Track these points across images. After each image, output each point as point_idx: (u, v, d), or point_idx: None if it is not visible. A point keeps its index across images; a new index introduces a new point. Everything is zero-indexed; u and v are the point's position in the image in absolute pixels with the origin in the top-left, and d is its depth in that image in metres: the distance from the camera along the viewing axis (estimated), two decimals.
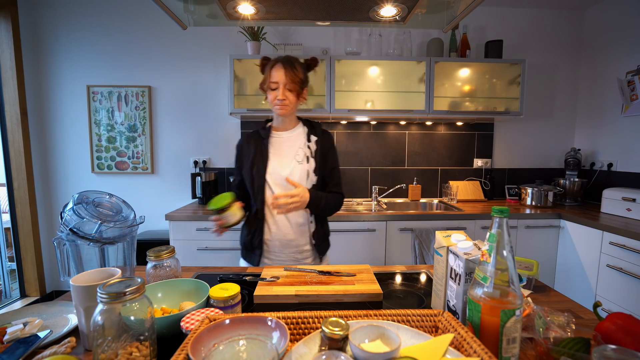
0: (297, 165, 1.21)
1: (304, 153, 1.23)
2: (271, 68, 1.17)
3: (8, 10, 2.34)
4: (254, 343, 0.49)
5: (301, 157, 1.23)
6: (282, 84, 1.15)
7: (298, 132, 1.27)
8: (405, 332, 0.58)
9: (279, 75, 1.15)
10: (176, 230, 2.07)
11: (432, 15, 1.20)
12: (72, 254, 0.76)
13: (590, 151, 2.61)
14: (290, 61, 1.17)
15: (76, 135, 2.58)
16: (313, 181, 1.22)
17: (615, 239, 1.79)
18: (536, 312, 0.66)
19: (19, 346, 0.61)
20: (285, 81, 1.14)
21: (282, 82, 1.15)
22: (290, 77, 1.15)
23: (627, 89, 2.26)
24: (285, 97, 1.16)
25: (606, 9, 2.47)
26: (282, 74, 1.14)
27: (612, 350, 0.48)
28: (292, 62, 1.17)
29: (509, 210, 0.56)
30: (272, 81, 1.16)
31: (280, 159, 1.22)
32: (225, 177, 2.64)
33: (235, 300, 0.71)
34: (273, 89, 1.17)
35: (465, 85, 2.52)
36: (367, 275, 0.97)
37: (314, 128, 1.29)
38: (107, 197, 0.85)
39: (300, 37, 2.56)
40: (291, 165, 1.21)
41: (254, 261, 1.24)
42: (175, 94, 2.58)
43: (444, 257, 0.72)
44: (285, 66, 1.15)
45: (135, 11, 2.50)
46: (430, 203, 2.59)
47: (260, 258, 1.24)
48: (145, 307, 0.56)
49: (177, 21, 1.17)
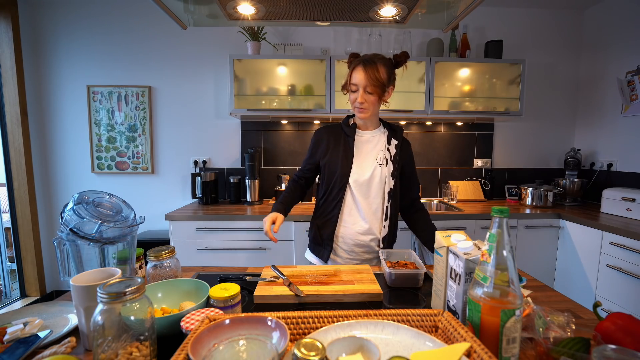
0: (377, 167, 1.21)
1: (384, 156, 1.22)
2: (352, 69, 1.14)
3: (8, 10, 2.34)
4: (254, 343, 0.49)
5: (382, 160, 1.22)
6: (362, 86, 1.12)
7: (380, 133, 1.26)
8: (406, 332, 0.58)
9: (358, 78, 1.12)
10: (176, 230, 2.07)
11: (432, 15, 1.20)
12: (72, 254, 0.76)
13: (590, 151, 2.61)
14: (373, 61, 1.12)
15: (76, 135, 2.58)
16: (391, 185, 1.22)
17: (615, 239, 1.79)
18: (536, 312, 0.66)
19: (19, 346, 0.61)
20: (365, 84, 1.11)
21: (362, 85, 1.12)
22: (371, 79, 1.10)
23: (627, 89, 2.26)
24: (365, 100, 1.13)
25: (606, 9, 2.47)
26: (362, 76, 1.11)
27: (612, 350, 0.48)
28: (374, 62, 1.12)
29: (509, 210, 0.56)
30: (352, 83, 1.13)
31: (362, 160, 1.22)
32: (225, 177, 2.64)
33: (235, 300, 0.71)
34: (353, 91, 1.15)
35: (465, 85, 2.52)
36: (367, 275, 0.97)
37: (395, 132, 1.28)
38: (107, 197, 0.85)
39: (300, 37, 2.56)
40: (372, 166, 1.21)
41: (324, 256, 1.25)
42: (175, 94, 2.58)
43: (444, 257, 0.72)
44: (365, 68, 1.11)
45: (135, 11, 2.50)
46: (430, 203, 2.59)
47: (329, 254, 1.24)
48: (145, 307, 0.56)
49: (177, 21, 1.17)
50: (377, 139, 1.25)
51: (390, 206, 1.23)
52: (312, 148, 1.29)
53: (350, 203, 1.22)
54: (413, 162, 1.32)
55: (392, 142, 1.25)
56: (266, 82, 2.45)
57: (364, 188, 1.20)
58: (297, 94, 2.39)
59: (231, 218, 2.05)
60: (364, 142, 1.24)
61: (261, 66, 2.40)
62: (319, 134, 1.28)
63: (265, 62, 2.35)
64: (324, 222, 1.25)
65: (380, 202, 1.22)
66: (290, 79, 2.42)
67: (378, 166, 1.21)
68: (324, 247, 1.25)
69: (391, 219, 1.25)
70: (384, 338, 0.59)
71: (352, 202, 1.22)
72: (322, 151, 1.25)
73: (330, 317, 0.62)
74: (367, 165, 1.21)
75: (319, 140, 1.27)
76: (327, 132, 1.27)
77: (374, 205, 1.22)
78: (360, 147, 1.23)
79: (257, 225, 2.06)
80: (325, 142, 1.25)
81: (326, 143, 1.25)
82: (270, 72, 2.43)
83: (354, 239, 1.23)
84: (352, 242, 1.23)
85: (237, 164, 2.65)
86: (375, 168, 1.21)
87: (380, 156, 1.22)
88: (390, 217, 1.24)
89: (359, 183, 1.20)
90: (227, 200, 2.60)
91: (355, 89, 1.14)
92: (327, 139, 1.25)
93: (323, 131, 1.28)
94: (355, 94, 1.14)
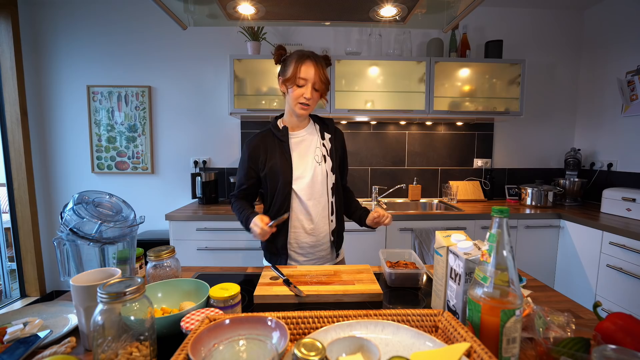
0: (317, 166, 1.18)
1: (321, 152, 1.19)
2: (299, 63, 1.08)
3: (8, 10, 2.34)
4: (254, 343, 0.49)
5: (319, 158, 1.19)
6: (310, 82, 1.08)
7: (311, 130, 1.23)
8: (406, 332, 0.58)
9: (309, 73, 1.07)
10: (176, 230, 2.07)
11: (432, 15, 1.20)
12: (72, 254, 0.76)
13: (590, 151, 2.61)
14: (320, 58, 1.11)
15: (76, 135, 2.58)
16: (332, 180, 1.20)
17: (615, 239, 1.79)
18: (536, 312, 0.66)
19: (19, 346, 0.61)
20: (315, 80, 1.08)
21: (311, 81, 1.08)
22: (320, 76, 1.08)
23: (627, 89, 2.26)
24: (312, 97, 1.10)
25: (606, 9, 2.47)
26: (313, 72, 1.07)
27: (612, 350, 0.48)
28: (321, 60, 1.11)
29: (509, 210, 0.56)
30: (301, 77, 1.08)
31: (300, 162, 1.18)
32: (225, 177, 2.64)
33: (235, 300, 0.71)
34: (300, 86, 1.09)
35: (465, 85, 2.52)
36: (367, 275, 0.97)
37: (327, 125, 1.25)
38: (107, 197, 0.85)
39: (300, 37, 2.56)
40: (312, 167, 1.18)
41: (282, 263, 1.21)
42: (175, 94, 2.58)
43: (444, 257, 0.72)
44: (316, 64, 1.08)
45: (135, 11, 2.50)
46: (430, 203, 2.59)
47: (286, 262, 1.21)
48: (145, 307, 0.56)
49: (177, 21, 1.17)
50: (311, 137, 1.21)
51: (335, 200, 1.21)
52: (249, 161, 1.19)
53: (298, 207, 1.18)
54: (346, 151, 1.30)
55: (325, 137, 1.22)
56: (266, 82, 2.45)
57: (308, 190, 1.17)
58: None
59: (231, 218, 2.05)
60: (298, 143, 1.20)
61: (261, 66, 2.40)
62: (252, 146, 1.19)
63: (265, 62, 2.35)
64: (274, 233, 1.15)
65: (326, 200, 1.20)
66: None
67: (317, 165, 1.18)
68: (279, 256, 1.20)
69: (337, 212, 1.23)
70: (384, 338, 0.59)
71: (300, 205, 1.18)
72: (262, 162, 1.18)
73: (330, 317, 0.62)
74: (306, 166, 1.18)
75: (254, 152, 1.19)
76: (259, 141, 1.20)
77: (321, 205, 1.19)
78: (295, 149, 1.19)
79: None
80: (262, 153, 1.18)
81: (263, 153, 1.18)
82: (270, 72, 2.43)
83: (307, 242, 1.20)
84: (306, 244, 1.20)
85: (237, 164, 2.65)
86: (315, 168, 1.18)
87: (318, 154, 1.19)
88: (336, 210, 1.22)
89: (303, 186, 1.16)
90: (227, 200, 2.60)
91: (303, 84, 1.09)
92: (262, 148, 1.18)
93: (255, 142, 1.20)
94: (302, 89, 1.09)
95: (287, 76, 1.10)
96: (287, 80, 1.10)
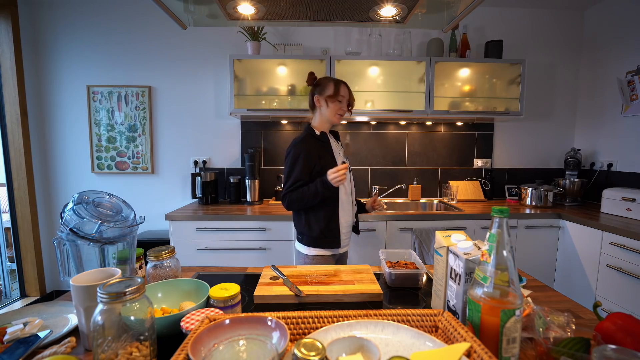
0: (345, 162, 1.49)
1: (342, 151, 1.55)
2: (338, 85, 1.43)
3: (8, 10, 2.34)
4: (254, 343, 0.49)
5: (343, 155, 1.54)
6: (345, 100, 1.45)
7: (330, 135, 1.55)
8: (406, 332, 0.58)
9: (346, 93, 1.45)
10: (176, 230, 2.07)
11: (432, 15, 1.21)
12: (72, 254, 0.76)
13: (590, 151, 2.61)
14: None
15: (76, 135, 2.58)
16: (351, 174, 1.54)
17: (615, 239, 1.79)
18: (536, 312, 0.66)
19: (19, 346, 0.61)
20: (348, 99, 1.47)
21: (346, 99, 1.45)
22: (351, 94, 1.48)
23: (627, 89, 2.26)
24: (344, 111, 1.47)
25: (606, 9, 2.47)
26: (347, 93, 1.45)
27: (612, 350, 0.48)
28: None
29: (509, 210, 0.56)
30: (342, 95, 1.43)
31: (339, 159, 1.50)
32: (225, 177, 2.64)
33: (235, 300, 0.72)
34: (340, 102, 1.43)
35: (465, 85, 2.52)
36: (367, 275, 0.97)
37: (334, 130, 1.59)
38: (107, 197, 0.85)
39: (300, 37, 2.56)
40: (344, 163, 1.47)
41: (336, 244, 1.46)
42: (175, 94, 2.58)
43: (444, 257, 0.72)
44: (348, 87, 1.47)
45: (135, 11, 2.50)
46: (430, 203, 2.59)
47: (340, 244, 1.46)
48: (145, 307, 0.56)
49: (177, 21, 1.17)
50: (333, 140, 1.53)
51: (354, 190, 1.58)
52: (305, 160, 1.40)
53: (342, 196, 1.47)
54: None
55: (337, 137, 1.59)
56: (266, 82, 2.45)
57: (347, 179, 1.46)
58: (297, 94, 2.39)
59: (231, 218, 2.05)
60: (333, 145, 1.51)
61: (261, 66, 2.40)
62: (306, 149, 1.41)
63: (265, 62, 2.35)
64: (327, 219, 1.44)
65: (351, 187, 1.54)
66: (290, 79, 2.42)
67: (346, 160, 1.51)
68: (334, 238, 1.45)
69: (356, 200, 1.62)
70: (384, 338, 0.59)
71: (344, 195, 1.47)
72: (315, 161, 1.42)
73: (330, 317, 0.62)
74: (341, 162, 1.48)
75: (308, 153, 1.41)
76: (307, 144, 1.43)
77: (353, 193, 1.55)
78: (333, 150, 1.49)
79: (257, 225, 2.06)
80: (314, 153, 1.41)
81: (315, 154, 1.42)
82: (270, 72, 2.43)
83: (347, 227, 1.50)
84: (346, 230, 1.49)
85: (237, 164, 2.65)
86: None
87: (341, 153, 1.54)
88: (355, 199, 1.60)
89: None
90: (227, 200, 2.60)
91: (342, 100, 1.43)
92: (313, 150, 1.42)
93: (305, 145, 1.42)
94: (341, 103, 1.43)
95: (330, 94, 1.42)
96: (330, 97, 1.42)
